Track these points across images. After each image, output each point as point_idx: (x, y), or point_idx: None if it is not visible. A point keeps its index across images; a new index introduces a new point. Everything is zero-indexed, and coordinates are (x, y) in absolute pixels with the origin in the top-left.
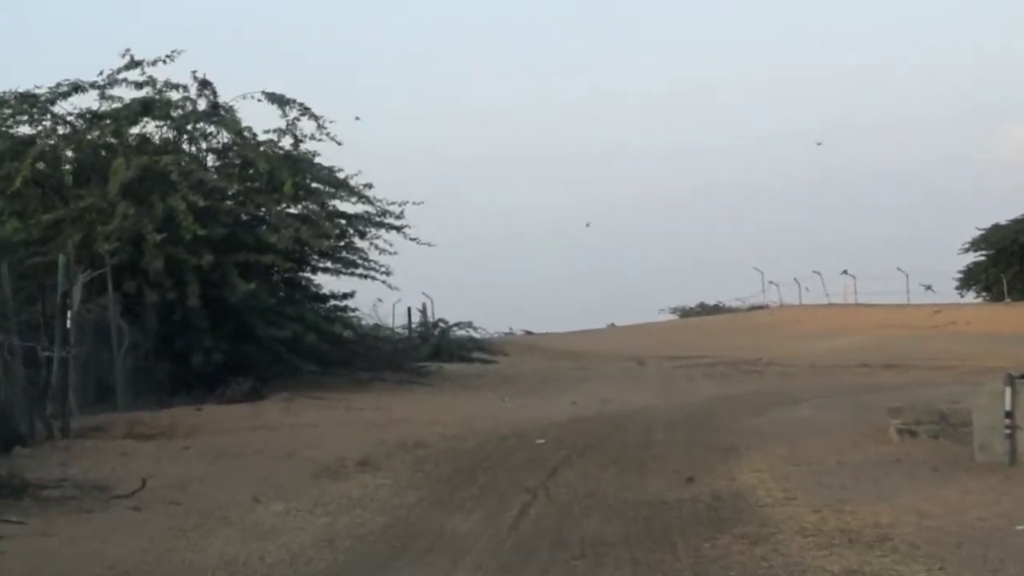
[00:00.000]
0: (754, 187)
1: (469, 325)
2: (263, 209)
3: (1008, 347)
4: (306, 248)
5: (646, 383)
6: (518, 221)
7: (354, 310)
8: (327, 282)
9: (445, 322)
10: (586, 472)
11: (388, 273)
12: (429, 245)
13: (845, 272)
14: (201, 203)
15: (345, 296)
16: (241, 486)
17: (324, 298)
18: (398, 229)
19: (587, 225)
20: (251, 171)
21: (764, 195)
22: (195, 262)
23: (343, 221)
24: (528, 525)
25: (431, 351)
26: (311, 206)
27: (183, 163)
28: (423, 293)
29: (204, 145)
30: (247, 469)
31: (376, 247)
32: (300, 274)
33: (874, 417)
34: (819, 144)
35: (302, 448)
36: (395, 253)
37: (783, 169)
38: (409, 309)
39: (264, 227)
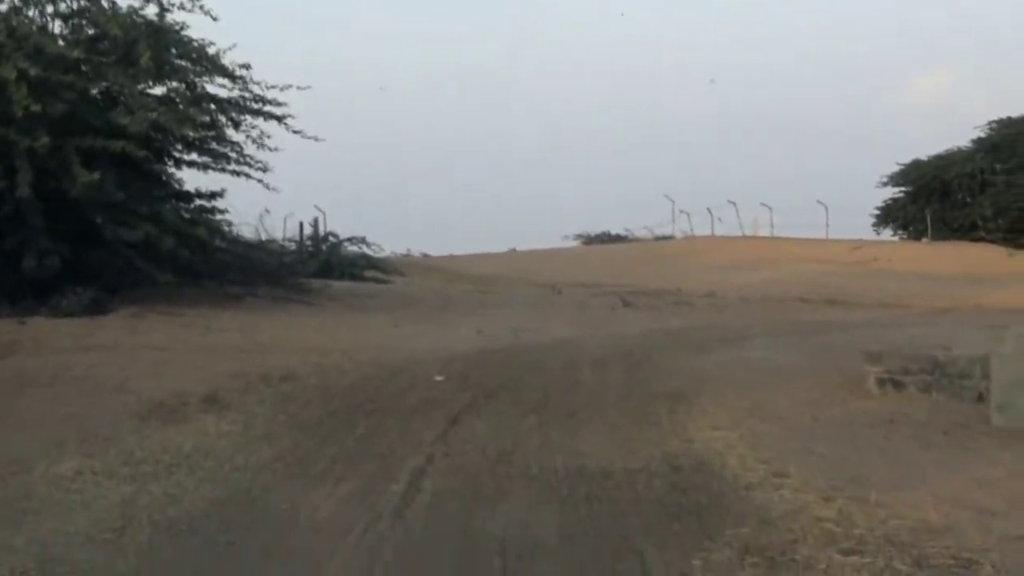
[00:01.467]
0: (667, 117)
1: (362, 241)
2: (116, 87)
3: (944, 287)
4: (166, 135)
5: (562, 312)
6: (413, 143)
7: (223, 211)
8: (193, 179)
9: (336, 236)
10: (499, 423)
11: (265, 170)
12: (316, 139)
13: (763, 204)
14: (35, 72)
15: (214, 195)
16: (35, 428)
17: (187, 196)
18: (279, 119)
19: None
20: (105, 42)
21: (677, 126)
22: (27, 144)
23: (212, 106)
24: (419, 510)
25: (319, 267)
26: (174, 85)
27: (15, 24)
28: (315, 206)
29: (50, 9)
30: (55, 403)
31: (253, 140)
32: (159, 166)
33: (841, 362)
34: (712, 81)
35: (137, 378)
36: (275, 149)
37: (697, 103)
38: (301, 224)
39: (117, 108)
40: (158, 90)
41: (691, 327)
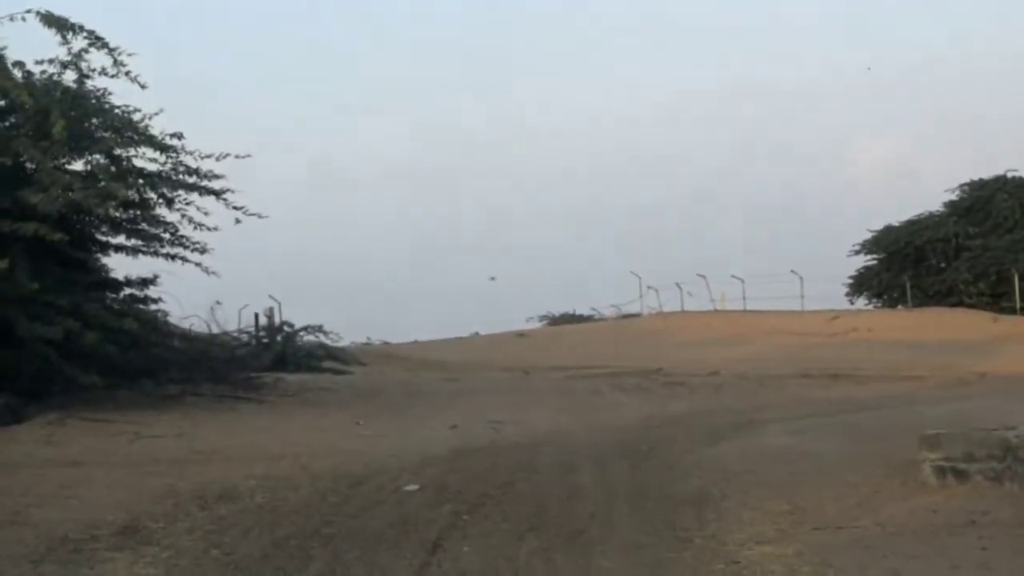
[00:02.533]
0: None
1: (319, 329)
2: (27, 161)
3: (935, 355)
4: (87, 215)
5: (543, 399)
6: (373, 232)
7: (157, 300)
8: (123, 265)
9: (291, 325)
10: (490, 548)
11: (203, 251)
12: (259, 216)
13: (734, 277)
14: None
15: (145, 282)
16: None
17: (115, 285)
18: (216, 194)
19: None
20: (14, 114)
21: (638, 205)
22: None
23: (140, 181)
24: None
25: (273, 360)
26: (95, 158)
27: None
28: (270, 296)
29: None
30: None
31: (188, 219)
32: (80, 252)
33: (881, 447)
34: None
35: (40, 504)
36: (214, 228)
37: (655, 182)
38: (256, 315)
39: (29, 187)
40: (77, 165)
41: (693, 411)
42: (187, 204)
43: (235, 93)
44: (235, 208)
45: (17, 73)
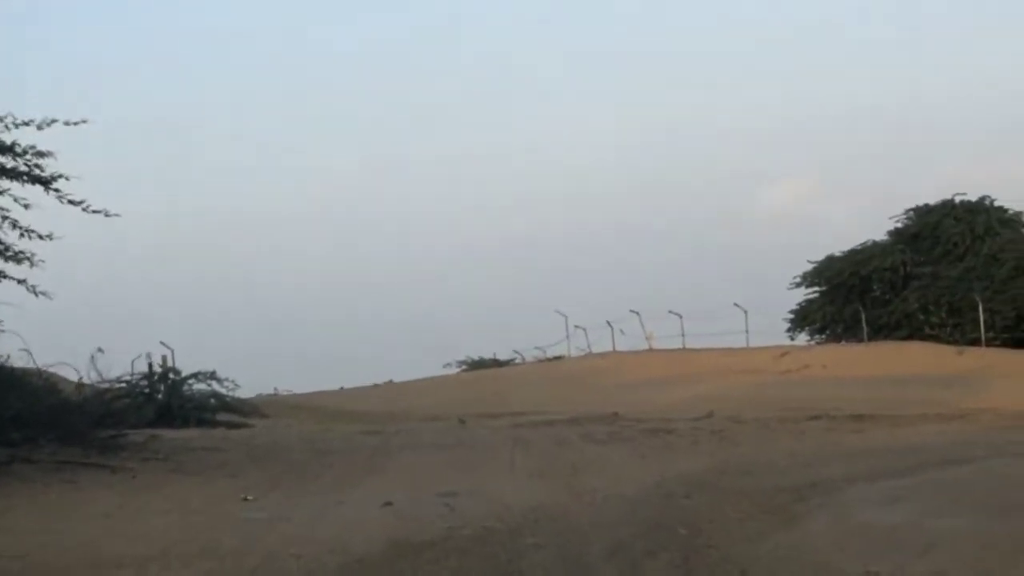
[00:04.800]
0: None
1: (212, 377)
2: None
3: (922, 391)
4: None
5: (498, 456)
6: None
7: None
8: None
9: (177, 372)
10: None
11: (29, 261)
12: (107, 214)
13: (672, 312)
14: None
15: None
16: None
17: None
18: (46, 183)
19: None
20: None
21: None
22: None
23: None
24: None
25: (158, 413)
26: None
27: None
28: (161, 343)
29: None
30: None
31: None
32: None
33: None
34: None
35: None
36: (49, 237)
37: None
38: (150, 364)
39: None
40: None
41: (715, 469)
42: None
43: None
44: (72, 203)
45: None
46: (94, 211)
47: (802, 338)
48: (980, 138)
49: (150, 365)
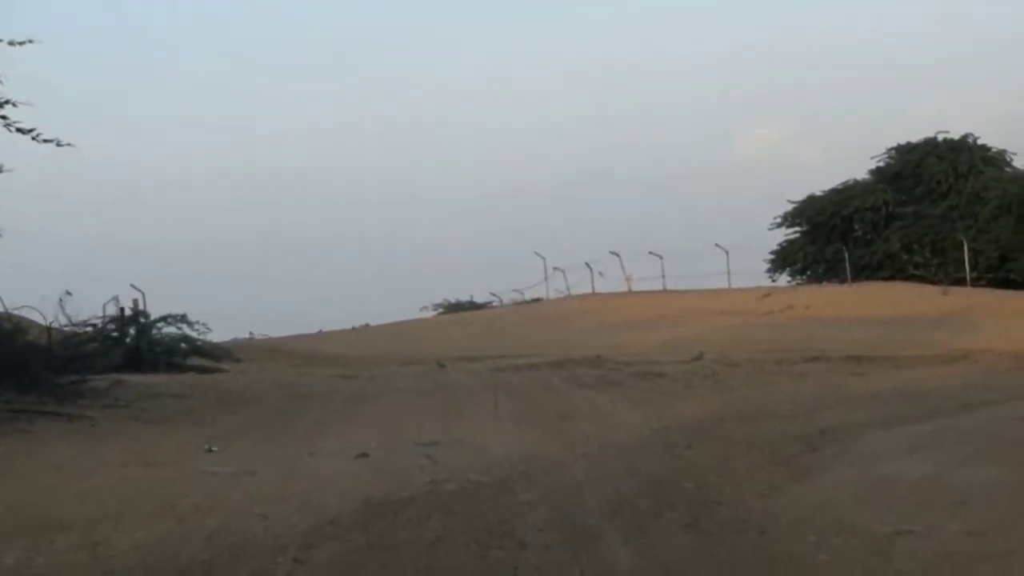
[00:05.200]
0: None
1: (182, 319)
2: None
3: (907, 332)
4: None
5: (481, 402)
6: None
7: None
8: None
9: (146, 315)
10: None
11: None
12: (59, 144)
13: (652, 254)
14: None
15: None
16: None
17: None
18: None
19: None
20: None
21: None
22: None
23: None
24: None
25: (126, 358)
26: None
27: None
28: (132, 286)
29: None
30: None
31: None
32: None
33: None
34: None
35: None
36: None
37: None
38: (123, 309)
39: None
40: None
41: (716, 415)
42: None
43: None
44: (21, 131)
45: None
46: (45, 140)
47: (783, 279)
48: (959, 78)
49: (122, 309)
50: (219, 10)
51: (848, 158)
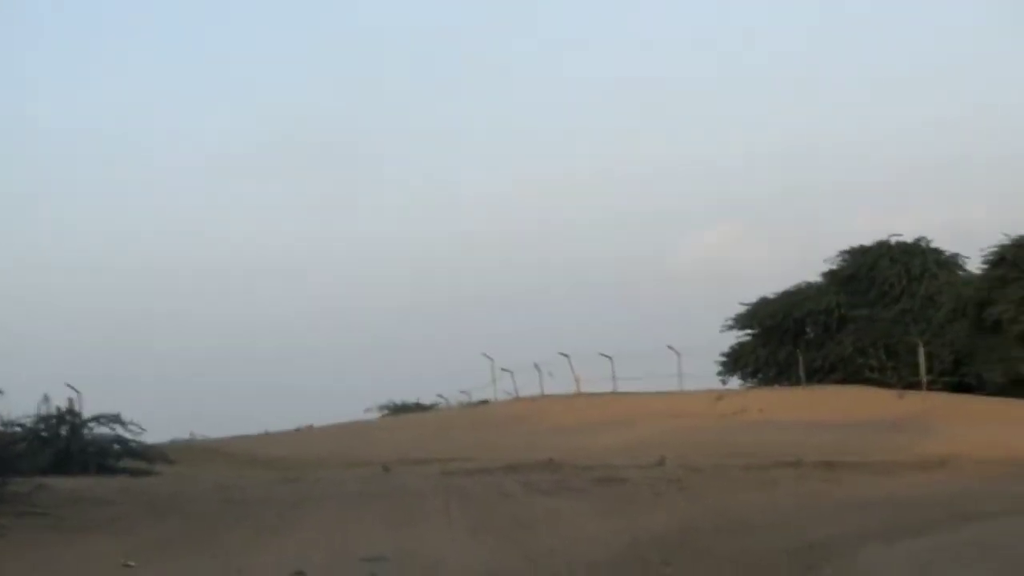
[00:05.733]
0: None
1: (115, 420)
2: None
3: (867, 436)
4: None
5: (431, 509)
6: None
7: None
8: None
9: (76, 415)
10: None
11: None
12: None
13: (602, 355)
14: None
15: None
16: None
17: None
18: None
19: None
20: None
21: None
22: None
23: None
24: None
25: (55, 459)
26: None
27: None
28: (67, 384)
29: None
30: None
31: None
32: None
33: None
34: None
35: None
36: None
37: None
38: (58, 408)
39: None
40: None
41: (693, 527)
42: None
43: None
44: None
45: None
46: None
47: (734, 381)
48: (900, 186)
49: (59, 408)
50: None
51: (796, 260)
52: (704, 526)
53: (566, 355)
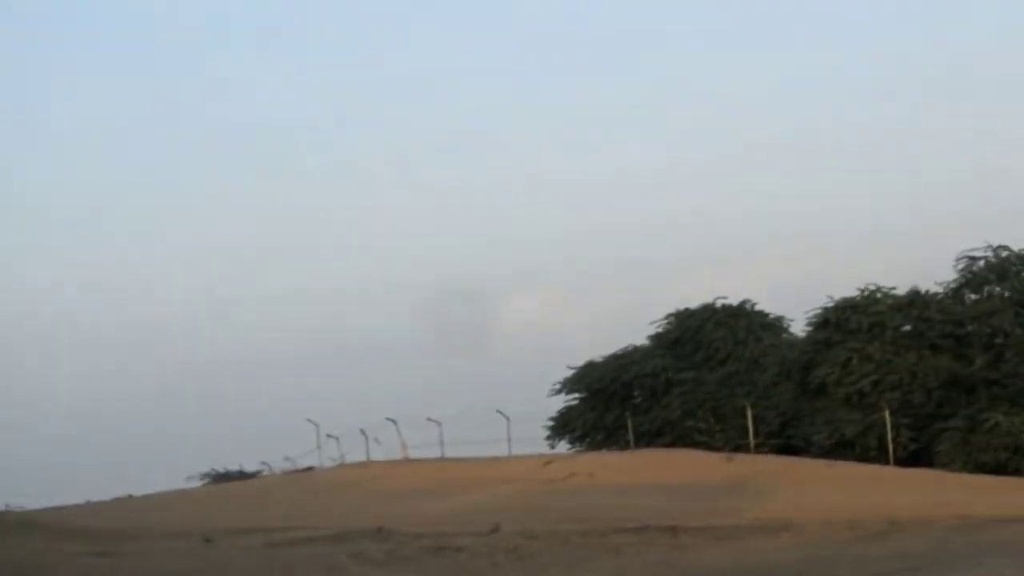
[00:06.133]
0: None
1: None
2: None
3: (699, 500)
4: None
5: None
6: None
7: None
8: None
9: None
10: None
11: None
12: None
13: (431, 420)
14: None
15: None
16: None
17: None
18: None
19: None
20: None
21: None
22: None
23: None
24: None
25: None
26: None
27: None
28: None
29: None
30: None
31: None
32: None
33: None
34: None
35: None
36: None
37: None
38: None
39: None
40: None
41: None
42: None
43: None
44: None
45: None
46: None
47: (563, 446)
48: (725, 249)
49: None
50: None
51: (617, 325)
52: None
53: (393, 420)
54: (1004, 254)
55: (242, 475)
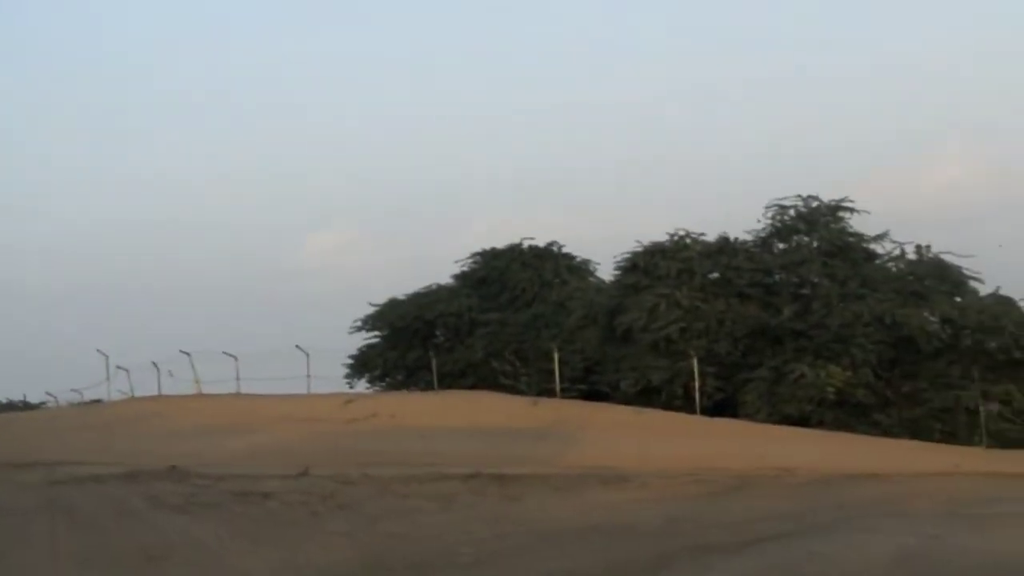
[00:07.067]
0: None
1: None
2: None
3: (504, 443)
4: None
5: (29, 534)
6: None
7: None
8: None
9: None
10: None
11: None
12: None
13: (226, 354)
14: None
15: None
16: None
17: None
18: None
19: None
20: None
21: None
22: None
23: None
24: None
25: None
26: None
27: None
28: None
29: None
30: None
31: None
32: None
33: None
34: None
35: None
36: None
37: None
38: None
39: None
40: None
41: (377, 563)
42: None
43: None
44: None
45: None
46: None
47: (362, 385)
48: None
49: None
50: None
51: (413, 266)
52: (394, 562)
53: (187, 353)
54: (814, 204)
55: (26, 406)
